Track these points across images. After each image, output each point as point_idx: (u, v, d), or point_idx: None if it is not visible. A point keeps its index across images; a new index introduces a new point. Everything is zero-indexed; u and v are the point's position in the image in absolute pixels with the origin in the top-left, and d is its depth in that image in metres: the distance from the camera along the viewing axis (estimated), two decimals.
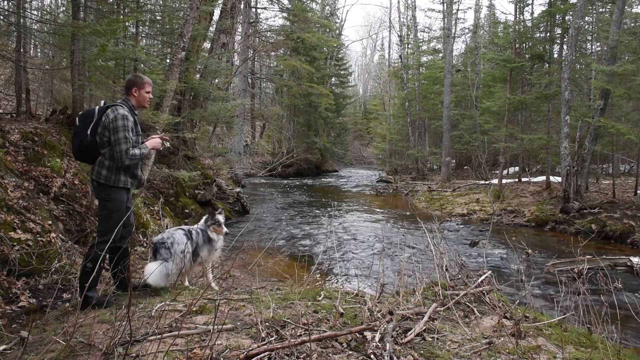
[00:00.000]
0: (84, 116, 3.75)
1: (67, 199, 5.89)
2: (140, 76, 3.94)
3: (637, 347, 4.28)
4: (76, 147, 3.71)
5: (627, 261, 7.12)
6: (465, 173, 23.65)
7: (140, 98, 3.84)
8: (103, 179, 3.65)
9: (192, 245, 4.32)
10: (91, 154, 3.70)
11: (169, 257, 4.08)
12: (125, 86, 3.86)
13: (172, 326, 3.09)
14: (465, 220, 12.49)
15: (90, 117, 3.70)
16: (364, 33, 63.72)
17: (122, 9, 9.52)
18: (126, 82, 3.91)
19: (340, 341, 2.94)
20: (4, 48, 9.54)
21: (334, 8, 34.50)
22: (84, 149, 3.68)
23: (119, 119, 3.61)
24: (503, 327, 3.34)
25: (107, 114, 3.65)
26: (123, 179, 3.73)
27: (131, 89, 3.81)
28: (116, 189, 3.70)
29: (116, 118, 3.61)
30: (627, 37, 11.05)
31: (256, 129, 32.69)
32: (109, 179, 3.66)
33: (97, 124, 3.67)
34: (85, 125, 3.67)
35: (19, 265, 4.23)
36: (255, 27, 22.01)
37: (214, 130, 13.79)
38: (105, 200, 3.70)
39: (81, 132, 3.67)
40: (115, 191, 3.70)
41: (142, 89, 3.83)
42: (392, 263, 7.28)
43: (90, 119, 3.69)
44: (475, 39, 24.86)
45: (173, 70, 8.71)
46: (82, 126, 3.68)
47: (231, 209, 11.74)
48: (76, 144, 3.70)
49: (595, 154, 13.67)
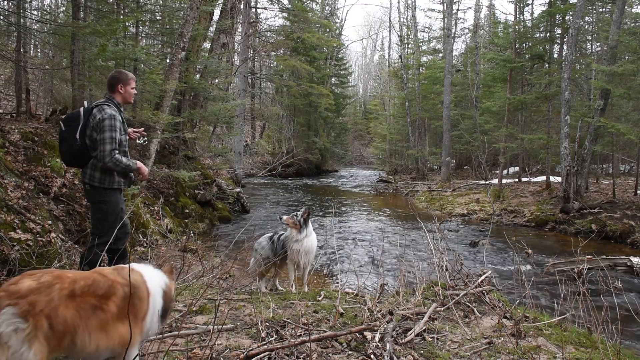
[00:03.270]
0: (69, 120, 3.58)
1: (67, 199, 5.89)
2: (123, 72, 3.80)
3: (637, 347, 4.28)
4: (65, 152, 3.58)
5: (627, 261, 7.14)
6: (465, 173, 23.65)
7: (126, 94, 3.72)
8: (97, 181, 3.57)
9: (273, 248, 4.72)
10: (82, 158, 3.56)
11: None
12: (109, 83, 3.70)
13: (172, 326, 3.09)
14: (465, 220, 12.49)
15: (76, 120, 3.55)
16: (364, 33, 63.67)
17: (122, 9, 9.52)
18: (109, 79, 3.73)
19: (340, 341, 2.94)
20: (4, 48, 9.54)
21: (334, 8, 34.53)
22: (74, 154, 3.54)
23: (106, 118, 3.50)
24: (503, 327, 3.34)
25: (94, 115, 3.54)
26: (117, 180, 3.67)
27: (116, 85, 3.67)
28: (111, 191, 3.64)
29: (103, 118, 3.50)
30: (627, 37, 11.05)
31: (256, 129, 32.68)
32: (103, 181, 3.58)
33: (85, 126, 3.53)
34: (73, 129, 3.52)
35: (19, 265, 4.23)
36: (255, 27, 22.00)
37: (214, 130, 13.79)
38: (100, 203, 3.62)
39: (69, 136, 3.52)
40: (110, 193, 3.64)
41: (127, 85, 3.71)
42: (392, 263, 7.28)
43: (76, 122, 3.54)
44: (475, 39, 24.83)
45: (173, 70, 8.72)
46: (69, 130, 3.52)
47: (231, 208, 11.75)
48: (64, 150, 3.56)
49: (595, 154, 13.67)
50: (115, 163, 3.52)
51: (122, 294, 2.16)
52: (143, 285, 2.30)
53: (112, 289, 2.15)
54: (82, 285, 2.05)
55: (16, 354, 1.79)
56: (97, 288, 2.11)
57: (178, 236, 7.88)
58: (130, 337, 2.10)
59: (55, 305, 1.92)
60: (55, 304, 1.92)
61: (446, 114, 19.75)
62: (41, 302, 1.88)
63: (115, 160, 3.51)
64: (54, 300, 1.92)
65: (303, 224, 4.39)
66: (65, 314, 1.94)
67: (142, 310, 2.26)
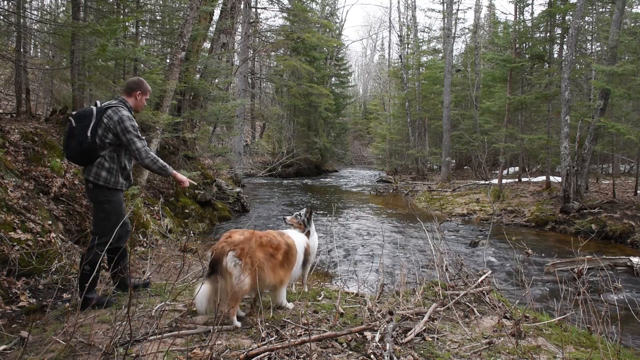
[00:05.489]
0: (81, 117, 3.59)
1: (67, 199, 5.89)
2: (145, 83, 3.92)
3: (637, 347, 4.27)
4: (74, 148, 3.54)
5: (627, 261, 7.13)
6: (465, 173, 23.65)
7: (139, 103, 3.86)
8: (102, 180, 3.59)
9: None
10: (91, 156, 3.55)
11: None
12: (129, 87, 3.81)
13: (172, 326, 3.09)
14: (465, 220, 12.48)
15: (88, 118, 3.55)
16: (364, 33, 63.72)
17: (122, 9, 9.52)
18: (130, 83, 3.85)
19: (340, 341, 2.94)
20: (4, 48, 9.53)
21: (334, 8, 34.51)
22: (84, 151, 3.53)
23: (125, 120, 3.58)
24: (503, 327, 3.34)
25: (110, 116, 3.57)
26: (121, 181, 3.72)
27: (135, 91, 3.79)
28: (114, 191, 3.68)
29: (122, 119, 3.57)
30: (627, 37, 11.04)
31: (256, 129, 32.68)
32: (108, 181, 3.62)
33: (97, 125, 3.54)
34: (84, 126, 3.52)
35: (19, 265, 4.23)
36: (255, 27, 22.00)
37: (214, 130, 13.78)
38: (103, 203, 3.64)
39: (79, 133, 3.51)
40: (114, 193, 3.67)
41: (144, 95, 3.87)
42: (392, 263, 7.28)
43: (88, 120, 3.54)
44: (475, 39, 24.83)
45: (173, 70, 8.72)
46: (81, 127, 3.52)
47: (231, 208, 11.75)
48: (74, 146, 3.54)
49: (595, 154, 13.67)
50: (152, 160, 3.69)
51: (285, 249, 3.27)
52: (294, 245, 3.42)
53: (280, 245, 3.24)
54: (266, 240, 3.17)
55: (236, 278, 2.91)
56: (273, 243, 3.20)
57: (178, 236, 7.88)
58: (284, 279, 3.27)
59: (254, 250, 3.02)
60: (254, 249, 3.02)
61: (446, 114, 19.75)
62: (246, 248, 2.98)
63: (152, 157, 3.69)
64: (252, 247, 3.02)
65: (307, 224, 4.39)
66: (259, 256, 3.05)
67: (293, 262, 3.37)
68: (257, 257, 3.01)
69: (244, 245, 2.97)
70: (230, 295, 2.92)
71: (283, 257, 3.22)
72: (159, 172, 3.79)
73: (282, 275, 3.21)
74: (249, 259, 2.95)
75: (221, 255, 2.92)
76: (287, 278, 3.32)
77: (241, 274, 2.91)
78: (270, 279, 3.13)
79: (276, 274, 3.15)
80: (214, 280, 2.90)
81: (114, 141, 3.62)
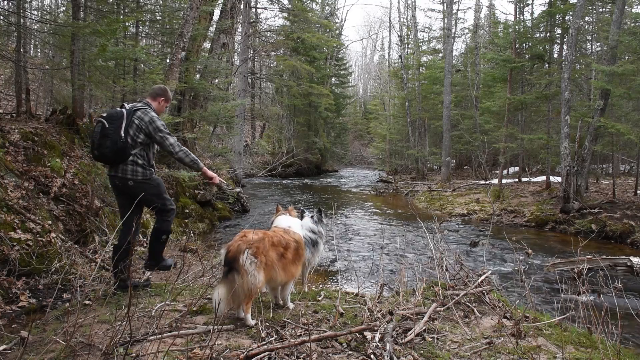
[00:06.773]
0: (113, 117, 3.84)
1: (67, 199, 5.89)
2: (169, 91, 4.31)
3: (637, 347, 4.27)
4: (109, 148, 3.77)
5: (627, 261, 7.12)
6: (465, 173, 23.64)
7: (161, 108, 4.20)
8: (141, 175, 3.92)
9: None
10: (123, 154, 3.81)
11: None
12: (155, 92, 4.16)
13: (172, 326, 3.09)
14: (465, 220, 12.48)
15: (120, 119, 3.83)
16: (364, 33, 63.74)
17: (122, 9, 9.53)
18: (157, 89, 4.20)
19: (340, 341, 2.94)
20: (4, 48, 9.53)
21: (334, 8, 34.51)
22: (118, 150, 3.78)
23: (156, 120, 3.92)
24: (503, 327, 3.34)
25: (140, 117, 3.88)
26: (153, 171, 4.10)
27: (159, 97, 4.16)
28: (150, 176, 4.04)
29: (153, 120, 3.90)
30: (627, 37, 11.04)
31: (256, 129, 32.67)
32: (145, 174, 3.96)
33: (128, 125, 3.83)
34: (117, 127, 3.79)
35: (19, 265, 4.23)
36: (255, 27, 21.98)
37: (214, 130, 13.79)
38: (151, 186, 3.98)
39: (113, 133, 3.77)
40: (152, 176, 4.03)
41: (166, 102, 4.26)
42: (392, 263, 7.28)
43: (120, 120, 3.82)
44: (475, 39, 24.83)
45: (173, 70, 8.72)
46: (114, 127, 3.78)
47: (231, 208, 11.75)
48: (109, 145, 3.77)
49: (595, 154, 13.67)
50: (185, 153, 4.00)
51: (294, 247, 3.41)
52: (301, 240, 3.56)
53: (289, 244, 3.37)
54: (276, 240, 3.29)
55: (252, 276, 2.99)
56: (283, 242, 3.33)
57: (178, 236, 7.88)
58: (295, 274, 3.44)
59: (267, 249, 3.15)
60: (267, 248, 3.15)
61: (446, 114, 19.75)
62: (261, 247, 3.10)
63: (185, 150, 4.01)
64: (266, 247, 3.15)
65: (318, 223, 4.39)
66: (272, 255, 3.18)
67: (302, 258, 3.54)
68: (270, 257, 3.14)
69: (258, 244, 3.09)
70: (246, 292, 3.01)
71: (293, 255, 3.37)
72: (190, 165, 4.05)
73: (292, 271, 3.37)
74: (264, 257, 3.08)
75: (238, 253, 3.03)
76: (297, 272, 3.47)
77: (255, 271, 3.00)
78: (282, 278, 3.27)
79: (287, 272, 3.30)
80: (231, 280, 2.99)
81: (145, 140, 3.93)
